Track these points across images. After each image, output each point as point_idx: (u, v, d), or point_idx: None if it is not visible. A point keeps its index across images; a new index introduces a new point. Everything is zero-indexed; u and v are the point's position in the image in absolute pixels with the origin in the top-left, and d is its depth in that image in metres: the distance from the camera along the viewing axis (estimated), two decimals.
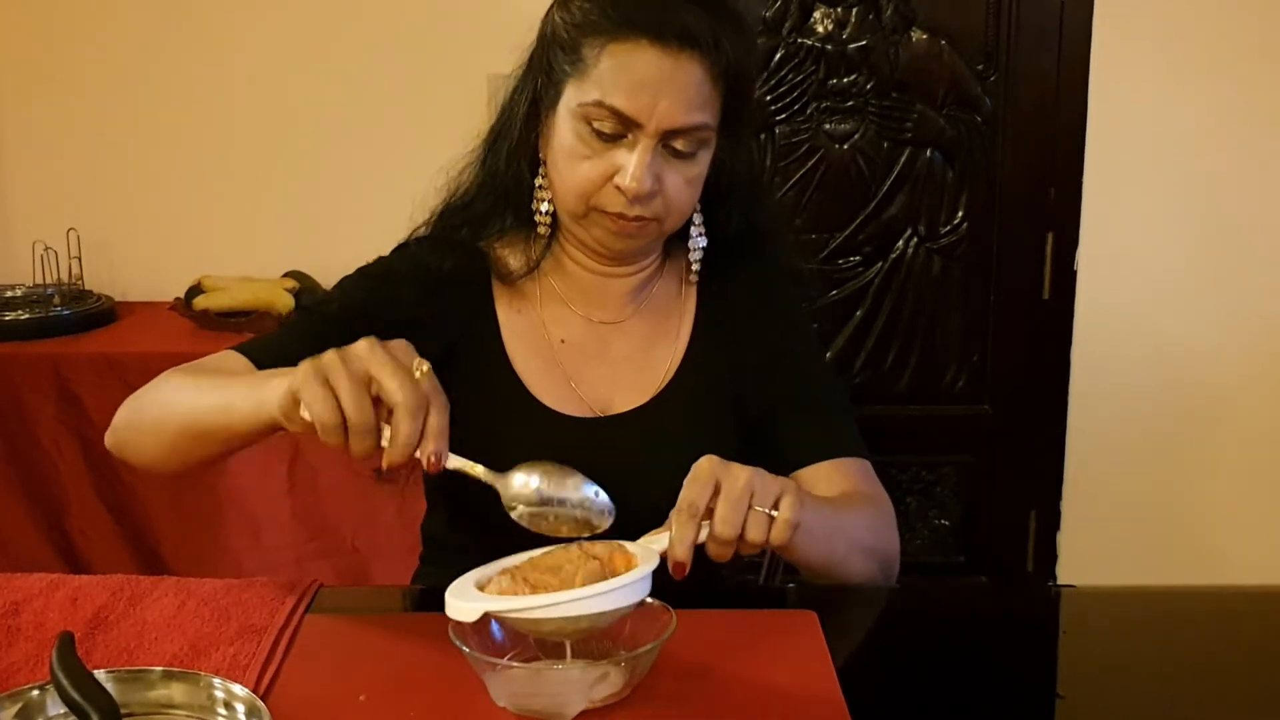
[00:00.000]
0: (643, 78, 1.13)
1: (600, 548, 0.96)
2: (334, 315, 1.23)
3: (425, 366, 0.94)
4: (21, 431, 2.23)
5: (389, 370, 0.91)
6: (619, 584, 0.90)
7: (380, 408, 0.92)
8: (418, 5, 2.55)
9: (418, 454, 0.92)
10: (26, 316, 2.36)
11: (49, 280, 2.46)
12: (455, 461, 0.94)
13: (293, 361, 1.17)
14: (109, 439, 1.17)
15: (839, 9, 2.52)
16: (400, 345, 0.96)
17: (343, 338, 1.20)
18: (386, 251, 1.32)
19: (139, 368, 1.70)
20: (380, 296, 1.25)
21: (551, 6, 1.22)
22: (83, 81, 2.60)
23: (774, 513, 0.98)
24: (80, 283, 2.52)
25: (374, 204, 2.48)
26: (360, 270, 1.29)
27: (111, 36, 2.58)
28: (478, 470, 0.96)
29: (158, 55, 2.59)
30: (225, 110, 2.60)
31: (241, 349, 1.19)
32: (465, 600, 0.90)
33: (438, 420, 0.92)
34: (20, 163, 2.65)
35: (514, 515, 0.96)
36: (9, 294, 2.47)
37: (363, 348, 0.93)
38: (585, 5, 1.17)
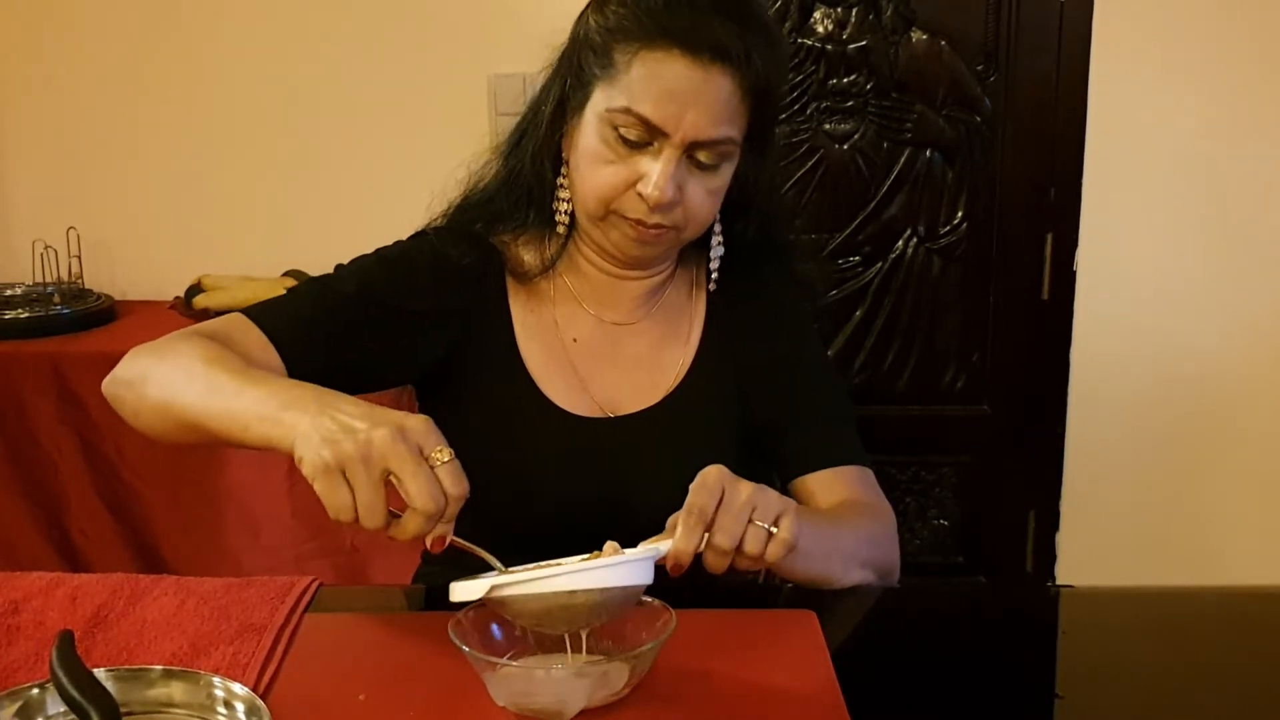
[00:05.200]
0: (672, 87, 1.13)
1: (606, 548, 0.96)
2: (350, 294, 1.23)
3: (447, 455, 0.91)
4: (21, 430, 2.23)
5: (410, 470, 0.89)
6: (624, 559, 0.92)
7: (391, 489, 0.91)
8: (418, 5, 2.54)
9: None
10: (26, 315, 2.36)
11: (49, 279, 2.46)
12: (459, 543, 0.95)
13: (307, 332, 1.18)
14: (107, 386, 1.14)
15: (839, 9, 2.52)
16: (423, 426, 0.92)
17: (356, 318, 1.21)
18: None
19: None
20: (398, 284, 1.25)
21: (586, 8, 1.22)
22: (83, 81, 2.60)
23: (774, 529, 0.98)
24: (80, 281, 2.52)
25: (374, 204, 2.49)
26: (378, 253, 1.28)
27: (111, 36, 2.58)
28: (481, 553, 0.96)
29: (157, 55, 2.58)
30: (225, 109, 2.60)
31: (253, 317, 1.18)
32: (470, 581, 0.92)
33: (451, 511, 0.91)
34: (20, 162, 2.65)
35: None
36: (9, 293, 2.47)
37: (385, 442, 0.89)
38: (620, 10, 1.17)
